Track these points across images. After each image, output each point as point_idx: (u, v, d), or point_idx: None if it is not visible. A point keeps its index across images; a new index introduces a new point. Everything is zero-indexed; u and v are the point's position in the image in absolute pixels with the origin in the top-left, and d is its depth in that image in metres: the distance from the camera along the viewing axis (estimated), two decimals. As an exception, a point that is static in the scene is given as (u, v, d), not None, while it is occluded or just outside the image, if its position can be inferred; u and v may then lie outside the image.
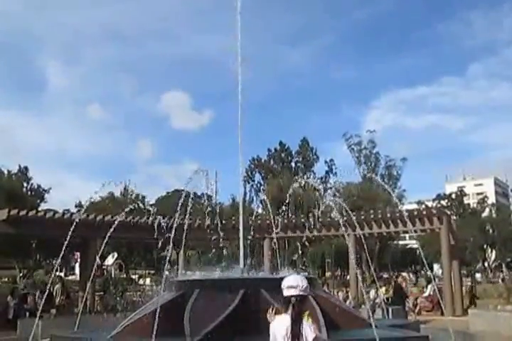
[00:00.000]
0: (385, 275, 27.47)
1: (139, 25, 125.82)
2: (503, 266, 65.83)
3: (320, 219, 21.42)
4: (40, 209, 26.14)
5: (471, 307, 17.78)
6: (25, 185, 39.05)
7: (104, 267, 32.51)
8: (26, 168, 40.11)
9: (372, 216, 19.91)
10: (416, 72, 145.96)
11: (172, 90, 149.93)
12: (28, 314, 15.27)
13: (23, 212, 16.70)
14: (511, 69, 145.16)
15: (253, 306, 7.30)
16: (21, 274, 35.22)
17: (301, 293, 3.53)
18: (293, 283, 3.55)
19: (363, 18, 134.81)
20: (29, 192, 38.96)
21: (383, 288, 17.04)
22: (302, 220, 21.64)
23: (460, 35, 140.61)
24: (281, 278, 3.71)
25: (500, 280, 44.24)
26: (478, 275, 46.59)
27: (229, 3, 10.41)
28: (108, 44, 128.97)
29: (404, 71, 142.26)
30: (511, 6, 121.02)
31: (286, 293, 3.56)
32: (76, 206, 43.72)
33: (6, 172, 37.90)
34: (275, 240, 17.05)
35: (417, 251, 67.11)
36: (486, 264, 60.83)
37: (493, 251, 61.44)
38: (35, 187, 39.80)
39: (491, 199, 78.75)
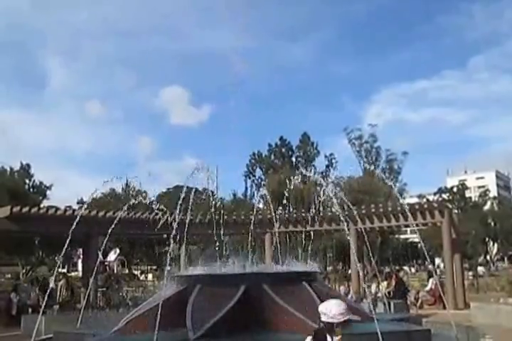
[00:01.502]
0: (387, 270, 27.47)
1: (138, 20, 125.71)
2: (505, 259, 65.90)
3: (321, 214, 21.41)
4: (42, 205, 26.13)
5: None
6: (27, 182, 39.11)
7: (106, 263, 32.60)
8: (28, 165, 40.16)
9: (373, 210, 19.85)
10: (416, 66, 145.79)
11: (170, 85, 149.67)
12: (30, 310, 15.34)
13: (25, 209, 16.69)
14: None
15: (255, 301, 7.32)
16: (24, 271, 35.36)
17: (329, 321, 3.54)
18: (322, 308, 3.59)
19: (363, 11, 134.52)
20: (31, 189, 39.04)
21: (385, 282, 17.03)
22: (303, 214, 21.64)
23: (461, 28, 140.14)
24: (283, 273, 3.72)
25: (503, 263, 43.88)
26: (480, 269, 46.63)
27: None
28: (107, 39, 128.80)
29: (405, 65, 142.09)
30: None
31: (321, 317, 3.59)
32: (78, 202, 43.81)
33: (8, 169, 37.98)
34: (276, 235, 17.07)
35: (419, 245, 67.45)
36: (488, 257, 60.83)
37: (495, 245, 61.47)
38: (37, 184, 39.86)
39: (493, 192, 78.72)
